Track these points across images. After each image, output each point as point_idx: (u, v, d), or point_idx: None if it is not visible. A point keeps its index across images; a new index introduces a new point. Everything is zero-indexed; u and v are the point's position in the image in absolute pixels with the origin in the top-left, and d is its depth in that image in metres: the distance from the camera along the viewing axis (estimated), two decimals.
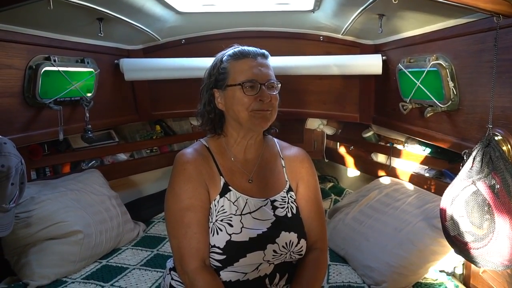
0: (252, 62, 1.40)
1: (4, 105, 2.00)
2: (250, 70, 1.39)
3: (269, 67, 1.43)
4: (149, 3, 2.20)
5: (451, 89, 1.85)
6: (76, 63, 2.37)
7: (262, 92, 1.37)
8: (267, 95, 1.37)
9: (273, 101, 1.40)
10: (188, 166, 1.41)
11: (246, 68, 1.39)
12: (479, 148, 1.44)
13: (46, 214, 2.15)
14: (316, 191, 1.55)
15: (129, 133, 3.27)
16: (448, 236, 1.52)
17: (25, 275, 2.03)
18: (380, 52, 2.58)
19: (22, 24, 1.95)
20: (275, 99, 1.41)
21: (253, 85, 1.37)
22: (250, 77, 1.38)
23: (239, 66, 1.40)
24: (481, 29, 1.62)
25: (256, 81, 1.37)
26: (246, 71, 1.39)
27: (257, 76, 1.38)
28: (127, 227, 2.64)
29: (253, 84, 1.37)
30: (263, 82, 1.38)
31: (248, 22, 2.78)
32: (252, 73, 1.38)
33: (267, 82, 1.38)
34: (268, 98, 1.37)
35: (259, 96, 1.37)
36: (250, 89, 1.37)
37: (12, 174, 1.75)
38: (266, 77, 1.39)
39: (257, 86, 1.37)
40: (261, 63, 1.41)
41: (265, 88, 1.37)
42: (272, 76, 1.41)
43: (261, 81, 1.38)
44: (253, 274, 1.39)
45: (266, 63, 1.42)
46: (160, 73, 2.81)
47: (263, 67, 1.40)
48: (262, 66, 1.40)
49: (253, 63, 1.40)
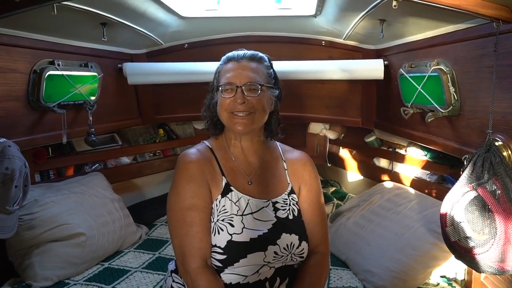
0: (234, 65, 1.43)
1: (9, 109, 2.02)
2: (229, 73, 1.42)
3: (255, 70, 1.43)
4: (152, 8, 2.22)
5: (452, 94, 1.85)
6: (79, 67, 2.40)
7: (237, 94, 1.39)
8: (241, 97, 1.39)
9: (254, 103, 1.40)
10: (191, 166, 1.43)
11: (227, 71, 1.43)
12: (480, 153, 1.45)
13: (50, 217, 2.17)
14: (319, 194, 1.56)
15: (133, 137, 3.29)
16: (449, 242, 1.52)
17: (28, 276, 2.04)
18: (382, 57, 2.59)
19: (26, 28, 1.98)
20: (256, 101, 1.41)
21: (230, 88, 1.40)
22: (228, 79, 1.41)
23: (224, 70, 1.45)
24: (481, 34, 1.63)
25: (233, 83, 1.40)
26: (226, 74, 1.42)
27: (235, 78, 1.40)
28: (130, 230, 2.65)
29: (230, 87, 1.41)
30: (240, 85, 1.39)
31: (250, 26, 2.80)
32: (230, 76, 1.41)
33: (245, 84, 1.40)
34: (242, 100, 1.39)
35: (234, 98, 1.39)
36: (228, 92, 1.41)
37: (16, 177, 1.77)
38: (244, 79, 1.40)
39: (234, 88, 1.40)
40: (244, 65, 1.43)
41: (242, 91, 1.39)
42: (255, 78, 1.41)
43: (239, 83, 1.40)
44: (254, 277, 1.39)
45: (250, 66, 1.43)
46: (163, 77, 2.83)
47: (245, 70, 1.42)
48: (244, 69, 1.42)
49: (235, 66, 1.43)
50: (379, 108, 2.82)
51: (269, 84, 1.46)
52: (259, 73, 1.43)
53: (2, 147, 1.75)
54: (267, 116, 1.47)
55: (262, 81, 1.43)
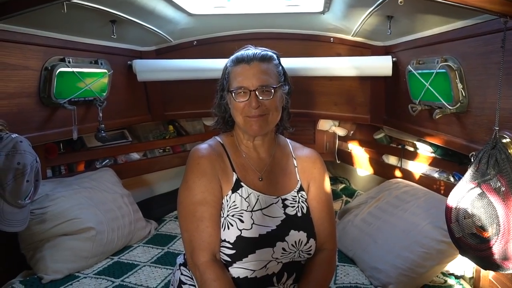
0: (245, 68, 1.41)
1: (21, 105, 2.06)
2: (241, 76, 1.40)
3: (266, 71, 1.41)
4: (161, 5, 2.24)
5: (459, 91, 1.83)
6: (90, 64, 2.43)
7: (251, 98, 1.38)
8: (256, 101, 1.38)
9: (267, 105, 1.40)
10: (202, 161, 1.44)
11: (239, 74, 1.41)
12: (485, 150, 1.44)
13: (60, 211, 2.21)
14: (327, 192, 1.57)
15: (142, 133, 3.33)
16: (453, 238, 1.52)
17: (40, 269, 2.09)
18: (390, 53, 2.57)
19: (38, 26, 2.01)
20: (270, 103, 1.40)
21: (243, 92, 1.40)
22: (240, 84, 1.40)
23: (234, 72, 1.43)
24: (489, 30, 1.61)
25: (245, 88, 1.39)
26: (238, 78, 1.41)
27: (247, 82, 1.39)
28: (139, 225, 2.69)
29: (243, 91, 1.40)
30: (253, 89, 1.38)
31: (259, 23, 2.80)
32: (242, 80, 1.40)
33: (258, 88, 1.39)
34: (257, 104, 1.38)
35: (249, 103, 1.39)
36: (241, 95, 1.40)
37: (27, 172, 1.81)
38: (257, 82, 1.38)
39: (247, 92, 1.39)
40: (255, 68, 1.40)
41: (256, 94, 1.38)
42: (267, 81, 1.40)
43: (251, 87, 1.38)
44: (261, 272, 1.41)
45: (261, 68, 1.41)
46: (172, 74, 2.85)
47: (256, 73, 1.39)
48: (255, 72, 1.40)
49: (246, 69, 1.40)
50: (388, 105, 2.81)
51: (280, 83, 1.45)
52: (271, 74, 1.42)
53: (14, 143, 1.80)
54: (280, 115, 1.48)
55: (274, 82, 1.42)
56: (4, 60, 1.89)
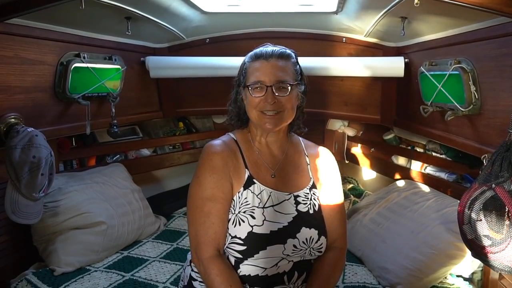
0: (263, 63, 1.42)
1: (37, 99, 2.09)
2: (258, 71, 1.42)
3: (283, 68, 1.43)
4: (175, 3, 2.26)
5: (472, 93, 1.83)
6: (104, 60, 2.45)
7: (268, 94, 1.39)
8: (272, 97, 1.39)
9: (283, 102, 1.41)
10: (215, 157, 1.45)
11: (256, 70, 1.42)
12: (499, 152, 1.44)
13: (72, 205, 2.24)
14: (339, 190, 1.58)
15: (153, 129, 3.35)
16: (465, 239, 1.52)
17: (52, 261, 2.12)
18: (403, 54, 2.57)
19: (55, 22, 2.03)
20: (286, 100, 1.42)
21: (260, 87, 1.41)
22: (257, 79, 1.41)
23: (252, 68, 1.44)
24: (504, 33, 1.61)
25: (262, 82, 1.40)
26: (256, 73, 1.42)
27: (264, 77, 1.40)
28: (149, 220, 2.72)
29: (260, 86, 1.41)
30: (270, 84, 1.40)
31: (272, 22, 2.81)
32: (260, 75, 1.41)
33: (274, 84, 1.40)
34: (273, 100, 1.39)
35: (265, 98, 1.40)
36: (258, 91, 1.41)
37: (42, 165, 1.84)
38: (274, 78, 1.40)
39: (264, 88, 1.40)
40: (273, 64, 1.42)
41: (272, 90, 1.40)
42: (284, 78, 1.41)
43: (268, 83, 1.40)
44: (272, 270, 1.41)
45: (279, 65, 1.42)
46: (184, 71, 2.87)
47: (274, 69, 1.41)
48: (273, 68, 1.41)
49: (263, 65, 1.42)
50: (399, 106, 2.80)
51: (297, 81, 1.46)
52: (288, 72, 1.44)
53: (30, 136, 1.83)
54: (295, 113, 1.49)
55: (291, 80, 1.43)
56: (22, 55, 1.92)
